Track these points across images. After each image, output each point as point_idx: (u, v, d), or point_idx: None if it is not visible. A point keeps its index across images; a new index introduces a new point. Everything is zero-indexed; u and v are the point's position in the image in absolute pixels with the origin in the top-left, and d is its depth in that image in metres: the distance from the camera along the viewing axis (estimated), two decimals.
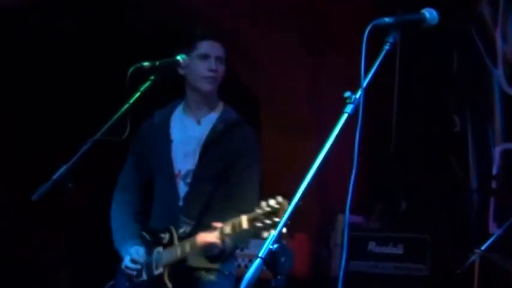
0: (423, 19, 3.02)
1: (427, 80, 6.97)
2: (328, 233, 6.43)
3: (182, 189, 4.26)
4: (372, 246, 6.24)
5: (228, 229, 3.80)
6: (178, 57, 4.15)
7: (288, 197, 2.85)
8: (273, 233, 2.78)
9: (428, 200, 6.65)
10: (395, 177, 6.97)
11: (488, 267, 5.52)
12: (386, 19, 2.93)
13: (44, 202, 3.74)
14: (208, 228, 3.94)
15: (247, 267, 5.80)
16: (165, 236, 4.15)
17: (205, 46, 4.25)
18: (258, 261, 2.73)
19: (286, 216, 2.81)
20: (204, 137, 4.26)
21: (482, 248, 5.48)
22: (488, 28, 6.85)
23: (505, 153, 6.58)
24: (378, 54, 2.96)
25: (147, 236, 4.27)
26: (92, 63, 7.28)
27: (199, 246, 3.95)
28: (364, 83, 2.93)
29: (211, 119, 4.31)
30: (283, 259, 2.78)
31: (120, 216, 4.40)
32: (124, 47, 6.79)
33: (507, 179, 6.36)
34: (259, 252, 2.74)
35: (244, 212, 3.73)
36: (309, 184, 2.81)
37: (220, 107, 4.35)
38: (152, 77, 3.98)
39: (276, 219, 3.47)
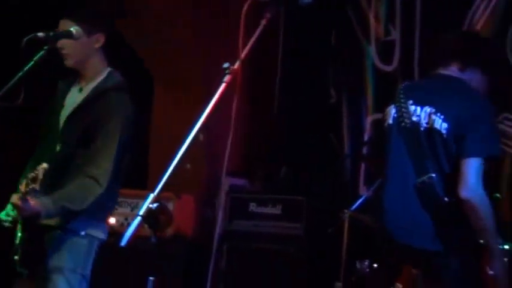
0: None
1: (309, 56, 7.00)
2: (214, 195, 6.42)
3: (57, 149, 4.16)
4: (252, 206, 6.22)
5: (22, 188, 3.75)
6: (72, 29, 4.02)
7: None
8: (154, 193, 2.73)
9: (306, 164, 6.69)
10: (277, 143, 6.99)
11: (357, 225, 5.57)
12: None
13: None
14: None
15: (123, 225, 5.76)
16: None
17: (59, 25, 4.15)
18: (138, 219, 2.71)
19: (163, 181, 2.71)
20: (79, 102, 4.19)
21: (352, 208, 5.57)
22: (363, 9, 6.90)
23: (375, 123, 6.64)
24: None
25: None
26: None
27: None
28: (242, 55, 2.89)
29: (90, 87, 4.22)
30: (162, 217, 2.73)
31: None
32: (21, 17, 6.54)
33: (375, 147, 6.43)
34: (139, 210, 2.72)
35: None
36: (186, 151, 2.74)
37: (103, 75, 4.24)
38: (46, 47, 3.84)
39: (33, 185, 3.59)
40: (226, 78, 2.87)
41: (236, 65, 2.88)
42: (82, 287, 4.07)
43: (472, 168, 3.70)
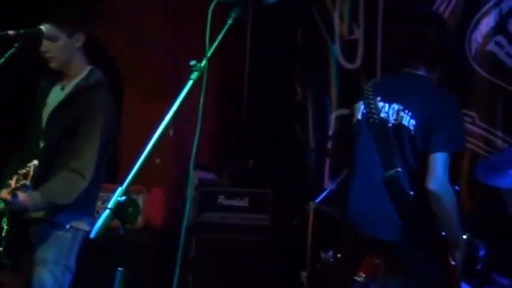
0: None
1: (275, 54, 7.03)
2: (183, 188, 6.44)
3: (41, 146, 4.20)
4: (221, 199, 6.28)
5: (13, 184, 3.77)
6: (42, 27, 4.05)
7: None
8: (122, 186, 2.77)
9: (273, 159, 6.72)
10: (245, 138, 7.02)
11: (321, 217, 5.62)
12: None
13: None
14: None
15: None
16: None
17: None
18: (107, 211, 2.73)
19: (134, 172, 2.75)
20: (60, 99, 4.23)
21: (316, 200, 5.61)
22: (327, 9, 6.94)
23: (339, 118, 6.70)
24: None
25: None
26: None
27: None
28: (209, 53, 2.91)
29: (72, 84, 4.27)
30: (130, 210, 2.77)
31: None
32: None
33: (340, 141, 6.49)
34: (108, 203, 2.74)
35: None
36: (154, 145, 2.78)
37: (84, 72, 4.29)
38: (17, 45, 3.84)
39: (24, 181, 3.59)
40: (193, 75, 2.90)
41: (203, 63, 2.91)
42: (65, 277, 4.12)
43: (439, 162, 3.77)
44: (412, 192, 3.80)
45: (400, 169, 3.80)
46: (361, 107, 4.03)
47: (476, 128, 6.18)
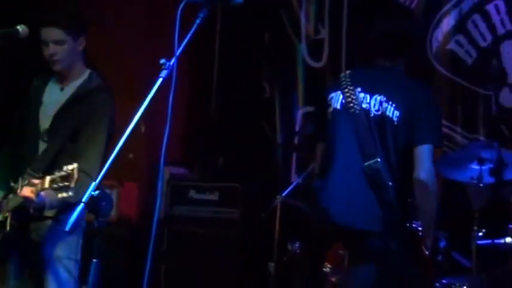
0: None
1: (244, 53, 7.04)
2: (155, 183, 6.46)
3: (42, 146, 4.20)
4: (192, 193, 6.32)
5: (39, 186, 3.73)
6: (18, 27, 3.98)
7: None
8: (96, 181, 2.83)
9: (242, 154, 6.75)
10: (215, 135, 7.04)
11: (288, 210, 5.70)
12: None
13: None
14: None
15: None
16: (15, 186, 4.08)
17: (43, 33, 4.20)
18: (81, 205, 2.80)
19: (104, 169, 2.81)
20: (64, 101, 4.23)
21: (284, 194, 5.67)
22: (294, 9, 6.96)
23: (306, 115, 6.75)
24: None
25: (13, 184, 4.19)
26: None
27: (22, 198, 3.89)
28: (178, 52, 2.95)
29: (73, 86, 4.28)
30: (103, 203, 2.82)
31: None
32: None
33: (306, 137, 6.52)
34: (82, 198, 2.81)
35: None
36: (125, 141, 2.83)
37: (85, 75, 4.32)
38: None
39: (66, 183, 3.45)
40: (163, 73, 2.94)
41: (172, 61, 2.95)
42: (76, 270, 4.15)
43: (427, 154, 3.80)
44: (390, 183, 3.80)
45: (379, 159, 3.79)
46: (339, 97, 3.98)
47: None
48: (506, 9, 6.02)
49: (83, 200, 2.79)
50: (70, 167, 3.50)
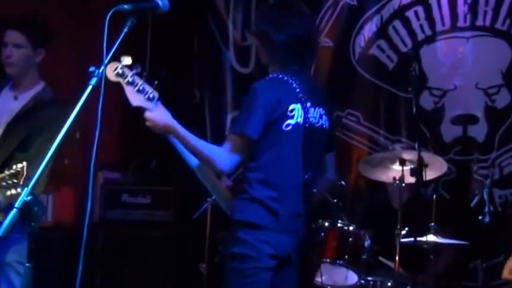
0: (156, 6, 3.01)
1: (174, 59, 7.03)
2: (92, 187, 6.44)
3: None
4: (125, 197, 6.34)
5: None
6: None
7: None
8: (28, 187, 2.79)
9: (175, 157, 6.73)
10: (148, 140, 7.02)
11: (218, 211, 5.68)
12: (125, 6, 2.91)
13: None
14: None
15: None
16: None
17: (7, 34, 4.24)
18: (14, 211, 2.74)
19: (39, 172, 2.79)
20: (16, 110, 4.23)
21: (213, 197, 5.66)
22: (222, 16, 7.00)
23: (234, 120, 6.76)
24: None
25: None
26: None
27: None
28: (106, 60, 2.89)
29: (27, 96, 4.28)
30: (36, 208, 2.79)
31: None
32: None
33: None
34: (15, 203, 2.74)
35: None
36: (57, 148, 2.81)
37: (39, 87, 4.34)
38: None
39: (15, 180, 3.52)
40: (92, 81, 2.92)
41: (101, 69, 2.93)
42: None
43: (333, 161, 3.87)
44: (314, 190, 3.77)
45: (313, 171, 3.70)
46: (300, 112, 3.66)
47: (360, 127, 6.35)
48: (425, 15, 6.15)
49: (16, 205, 2.75)
50: (19, 165, 3.51)
